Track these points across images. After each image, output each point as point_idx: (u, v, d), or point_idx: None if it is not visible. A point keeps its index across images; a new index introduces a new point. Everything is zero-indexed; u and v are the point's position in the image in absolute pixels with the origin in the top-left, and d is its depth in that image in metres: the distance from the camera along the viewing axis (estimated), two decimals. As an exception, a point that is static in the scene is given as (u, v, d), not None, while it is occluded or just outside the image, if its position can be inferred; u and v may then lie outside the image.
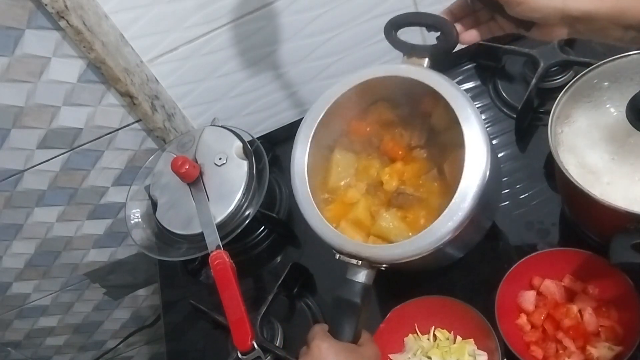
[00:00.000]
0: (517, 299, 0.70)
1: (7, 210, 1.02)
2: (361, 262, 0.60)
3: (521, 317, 0.69)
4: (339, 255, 0.62)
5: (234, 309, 0.73)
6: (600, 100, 0.67)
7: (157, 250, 0.88)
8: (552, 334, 0.67)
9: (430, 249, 0.58)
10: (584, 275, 0.68)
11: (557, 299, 0.69)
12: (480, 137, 0.58)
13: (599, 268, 0.66)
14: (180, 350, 0.91)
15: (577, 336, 0.65)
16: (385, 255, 0.60)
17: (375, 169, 0.71)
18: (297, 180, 0.67)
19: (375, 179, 0.71)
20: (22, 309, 1.23)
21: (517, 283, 0.70)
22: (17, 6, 0.75)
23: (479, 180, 0.57)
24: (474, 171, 0.57)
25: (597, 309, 0.66)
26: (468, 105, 0.60)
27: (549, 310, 0.68)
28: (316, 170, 0.69)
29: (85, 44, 0.78)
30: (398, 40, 0.64)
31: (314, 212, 0.64)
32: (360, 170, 0.72)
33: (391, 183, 0.69)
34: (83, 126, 0.92)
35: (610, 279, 0.65)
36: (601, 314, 0.66)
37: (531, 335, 0.68)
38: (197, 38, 0.90)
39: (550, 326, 0.67)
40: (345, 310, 0.60)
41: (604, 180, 0.61)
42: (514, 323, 0.69)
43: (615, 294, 0.65)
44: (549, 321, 0.68)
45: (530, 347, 0.67)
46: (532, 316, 0.69)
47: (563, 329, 0.66)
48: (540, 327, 0.68)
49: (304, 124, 0.69)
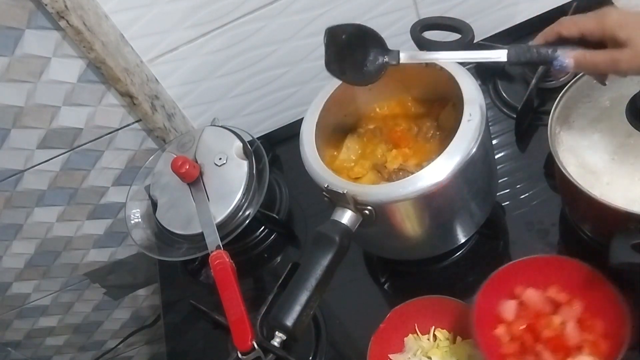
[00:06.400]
0: (497, 308, 0.67)
1: (7, 210, 1.02)
2: (346, 191, 0.61)
3: (500, 328, 0.66)
4: (327, 184, 0.63)
5: (234, 309, 0.73)
6: (600, 100, 0.67)
7: (157, 250, 0.88)
8: (531, 346, 0.64)
9: (412, 194, 0.60)
10: (570, 285, 0.65)
11: (540, 310, 0.65)
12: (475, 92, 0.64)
13: (587, 278, 0.63)
14: (180, 350, 0.91)
15: (557, 349, 0.62)
16: (371, 195, 0.62)
17: (381, 151, 0.74)
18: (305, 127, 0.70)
19: (380, 159, 0.73)
20: (22, 309, 1.23)
21: (498, 291, 0.67)
22: (17, 6, 0.75)
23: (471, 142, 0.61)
24: (468, 132, 0.62)
25: (582, 322, 0.63)
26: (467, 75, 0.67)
27: (529, 320, 0.65)
28: (324, 141, 0.73)
29: (85, 44, 0.78)
30: (421, 37, 0.69)
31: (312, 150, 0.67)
32: (367, 152, 0.75)
33: (394, 163, 0.72)
34: (83, 126, 0.92)
35: (598, 290, 0.62)
36: (586, 327, 0.63)
37: (509, 346, 0.64)
38: (197, 38, 0.90)
39: (530, 338, 0.64)
40: (322, 244, 0.60)
41: (604, 180, 0.61)
42: (492, 333, 0.66)
43: (603, 306, 0.62)
44: (528, 332, 0.64)
45: (506, 359, 0.64)
46: (512, 326, 0.66)
47: (542, 340, 0.63)
48: (519, 339, 0.65)
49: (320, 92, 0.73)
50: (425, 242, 0.73)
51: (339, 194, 0.62)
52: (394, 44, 0.96)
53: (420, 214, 0.66)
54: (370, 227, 0.64)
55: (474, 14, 0.95)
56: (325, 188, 0.63)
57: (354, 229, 0.62)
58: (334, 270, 0.60)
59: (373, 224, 0.64)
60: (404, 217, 0.66)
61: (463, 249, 0.79)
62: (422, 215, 0.66)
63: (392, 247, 0.76)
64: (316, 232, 0.61)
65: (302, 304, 0.57)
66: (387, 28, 0.95)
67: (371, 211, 0.62)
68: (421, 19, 0.70)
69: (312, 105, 0.72)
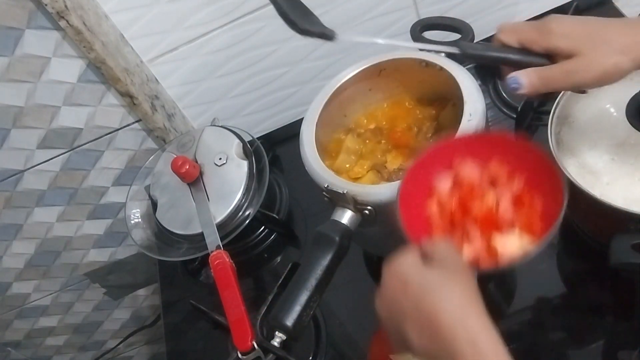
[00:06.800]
0: (432, 181, 0.61)
1: (7, 210, 1.02)
2: (346, 191, 0.61)
3: (431, 201, 0.61)
4: (327, 184, 0.63)
5: (234, 309, 0.73)
6: (600, 100, 0.67)
7: (157, 250, 0.88)
8: (460, 221, 0.58)
9: None
10: (512, 161, 0.59)
11: (476, 184, 0.60)
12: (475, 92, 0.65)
13: (530, 155, 0.57)
14: (180, 350, 0.91)
15: (487, 225, 0.57)
16: (371, 195, 0.62)
17: (381, 151, 0.74)
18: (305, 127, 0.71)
19: (380, 159, 0.74)
20: (22, 309, 1.23)
21: (435, 164, 0.61)
22: (17, 6, 0.75)
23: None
24: (468, 132, 0.62)
25: (519, 199, 0.58)
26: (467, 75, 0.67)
27: (462, 194, 0.60)
28: (324, 141, 0.73)
29: (85, 44, 0.78)
30: (421, 37, 0.69)
31: (312, 150, 0.68)
32: (367, 152, 0.75)
33: (394, 163, 0.72)
34: (83, 126, 0.92)
35: (540, 168, 0.57)
36: (522, 204, 0.57)
37: (437, 221, 0.59)
38: (197, 38, 0.90)
39: (460, 212, 0.59)
40: (322, 244, 0.60)
41: (604, 180, 0.61)
42: (422, 208, 0.60)
43: (542, 184, 0.57)
44: (459, 207, 0.59)
45: (434, 233, 0.59)
46: (444, 201, 0.60)
47: (472, 216, 0.58)
48: (449, 214, 0.59)
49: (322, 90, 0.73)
50: (425, 242, 0.73)
51: (339, 194, 0.62)
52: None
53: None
54: (370, 227, 0.64)
55: (474, 14, 0.95)
56: (325, 188, 0.63)
57: (354, 229, 0.62)
58: (334, 270, 0.60)
59: (373, 224, 0.64)
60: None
61: (463, 248, 0.79)
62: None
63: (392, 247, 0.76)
64: (316, 232, 0.61)
65: (302, 304, 0.57)
66: (387, 28, 0.95)
67: (371, 211, 0.62)
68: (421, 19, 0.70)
69: (312, 105, 0.72)
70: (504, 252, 0.54)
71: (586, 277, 0.73)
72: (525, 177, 0.58)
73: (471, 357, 0.41)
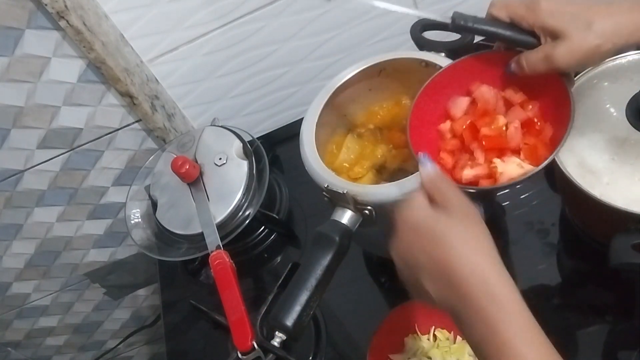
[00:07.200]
0: (448, 103, 0.62)
1: (7, 210, 1.02)
2: (346, 191, 0.61)
3: (445, 124, 0.62)
4: (327, 184, 0.63)
5: (234, 309, 0.73)
6: (600, 100, 0.67)
7: (157, 250, 0.88)
8: (468, 144, 0.60)
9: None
10: (529, 88, 0.59)
11: (489, 108, 0.61)
12: None
13: (550, 85, 0.57)
14: (180, 350, 0.91)
15: (491, 149, 0.58)
16: (371, 195, 0.62)
17: (381, 151, 0.74)
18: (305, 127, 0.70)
19: (380, 159, 0.74)
20: (22, 309, 1.23)
21: (452, 86, 0.62)
22: (17, 6, 0.75)
23: None
24: None
25: (529, 125, 0.59)
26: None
27: (475, 117, 0.61)
28: (324, 141, 0.73)
29: (85, 44, 0.78)
30: (421, 37, 0.70)
31: (312, 150, 0.67)
32: (367, 152, 0.75)
33: (394, 163, 0.72)
34: (83, 126, 0.92)
35: (558, 99, 0.56)
36: (532, 131, 0.58)
37: (447, 143, 0.61)
38: (197, 38, 0.90)
39: (469, 135, 0.60)
40: (322, 244, 0.60)
41: (604, 180, 0.61)
42: (436, 128, 0.62)
43: (556, 114, 0.57)
44: (469, 129, 0.60)
45: (440, 154, 0.61)
46: (456, 123, 0.61)
47: (479, 138, 0.59)
48: (460, 136, 0.61)
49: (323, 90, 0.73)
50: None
51: (339, 194, 0.62)
52: (394, 43, 0.97)
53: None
54: (370, 227, 0.64)
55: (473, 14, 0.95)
56: (325, 188, 0.63)
57: (354, 229, 0.62)
58: (334, 270, 0.60)
59: (373, 224, 0.64)
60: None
61: (463, 249, 0.79)
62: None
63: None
64: (316, 232, 0.61)
65: (302, 304, 0.57)
66: (387, 28, 0.95)
67: (371, 211, 0.62)
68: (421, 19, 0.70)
69: (312, 105, 0.72)
70: (504, 174, 0.55)
71: (586, 277, 0.73)
72: (539, 106, 0.59)
73: (486, 303, 0.41)
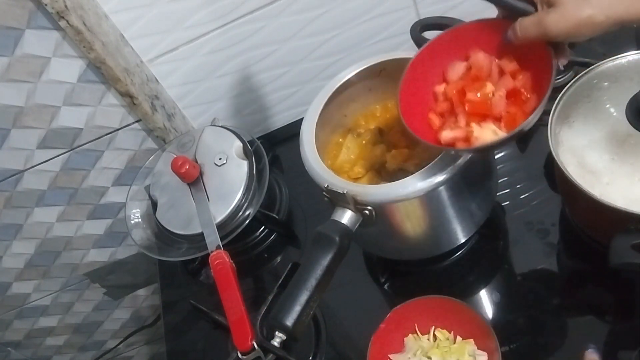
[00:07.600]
0: (446, 67, 0.64)
1: (7, 210, 1.02)
2: (346, 191, 0.61)
3: (440, 86, 0.63)
4: (327, 184, 0.63)
5: (234, 309, 0.73)
6: (600, 100, 0.67)
7: (157, 250, 0.88)
8: (456, 107, 0.61)
9: (412, 194, 0.61)
10: (525, 58, 0.59)
11: (481, 75, 0.61)
12: None
13: (542, 55, 0.57)
14: (180, 350, 0.91)
15: (474, 113, 0.59)
16: (371, 195, 0.62)
17: (381, 151, 0.74)
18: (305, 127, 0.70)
19: (380, 159, 0.74)
20: (22, 309, 1.23)
21: (454, 51, 0.63)
22: (17, 6, 0.75)
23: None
24: None
25: (516, 94, 0.59)
26: None
27: (466, 82, 0.62)
28: (324, 141, 0.74)
29: (85, 44, 0.78)
30: (421, 38, 0.69)
31: (312, 150, 0.68)
32: (367, 152, 0.75)
33: (394, 163, 0.72)
34: (83, 126, 0.92)
35: (544, 69, 0.57)
36: (518, 101, 0.59)
37: (438, 105, 0.63)
38: (197, 38, 0.90)
39: (457, 99, 0.61)
40: (322, 244, 0.60)
41: (604, 180, 0.61)
42: (432, 89, 0.64)
43: (540, 84, 0.57)
44: (458, 94, 0.61)
45: (429, 114, 0.62)
46: (450, 86, 0.63)
47: (464, 102, 0.60)
48: (450, 100, 0.62)
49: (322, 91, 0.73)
50: (425, 242, 0.73)
51: (339, 194, 0.62)
52: (394, 43, 0.97)
53: (420, 214, 0.66)
54: (370, 227, 0.64)
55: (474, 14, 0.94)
56: (325, 188, 0.63)
57: (354, 229, 0.62)
58: (334, 270, 0.60)
59: (373, 224, 0.64)
60: (404, 217, 0.66)
61: (463, 249, 0.79)
62: (422, 215, 0.67)
63: (392, 247, 0.76)
64: (316, 232, 0.61)
65: (302, 304, 0.57)
66: (387, 28, 0.95)
67: (371, 211, 0.62)
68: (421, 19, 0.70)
69: (312, 105, 0.72)
70: (479, 138, 0.57)
71: (586, 277, 0.73)
72: (529, 76, 0.59)
73: None
